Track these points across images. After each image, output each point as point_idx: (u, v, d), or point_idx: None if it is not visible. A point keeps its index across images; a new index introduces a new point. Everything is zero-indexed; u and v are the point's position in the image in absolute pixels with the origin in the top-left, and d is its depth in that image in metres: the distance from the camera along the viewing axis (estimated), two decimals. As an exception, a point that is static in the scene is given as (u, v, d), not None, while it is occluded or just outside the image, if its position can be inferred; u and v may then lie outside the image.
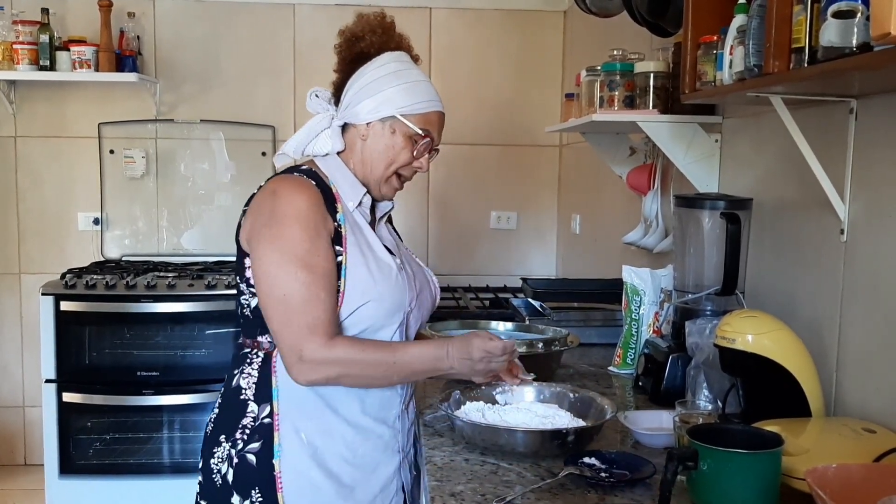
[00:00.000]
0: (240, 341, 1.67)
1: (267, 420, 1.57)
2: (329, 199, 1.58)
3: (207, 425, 1.66)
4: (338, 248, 1.56)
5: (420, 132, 1.62)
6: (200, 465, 1.64)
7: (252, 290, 1.58)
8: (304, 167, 1.63)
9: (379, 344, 1.57)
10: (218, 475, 1.59)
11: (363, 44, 1.66)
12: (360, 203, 1.64)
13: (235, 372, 1.63)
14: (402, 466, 1.68)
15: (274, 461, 1.55)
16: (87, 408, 3.60)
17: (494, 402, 1.75)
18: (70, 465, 3.60)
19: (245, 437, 1.57)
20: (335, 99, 1.69)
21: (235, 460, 1.57)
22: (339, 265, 1.55)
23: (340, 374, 1.51)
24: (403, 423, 1.69)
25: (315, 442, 1.57)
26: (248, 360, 1.62)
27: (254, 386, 1.59)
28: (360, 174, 1.65)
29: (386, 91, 1.61)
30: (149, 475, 3.62)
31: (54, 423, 3.58)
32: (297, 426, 1.56)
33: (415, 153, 1.64)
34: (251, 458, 1.56)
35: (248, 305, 1.61)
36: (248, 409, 1.58)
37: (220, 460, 1.59)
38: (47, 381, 3.58)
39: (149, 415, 3.64)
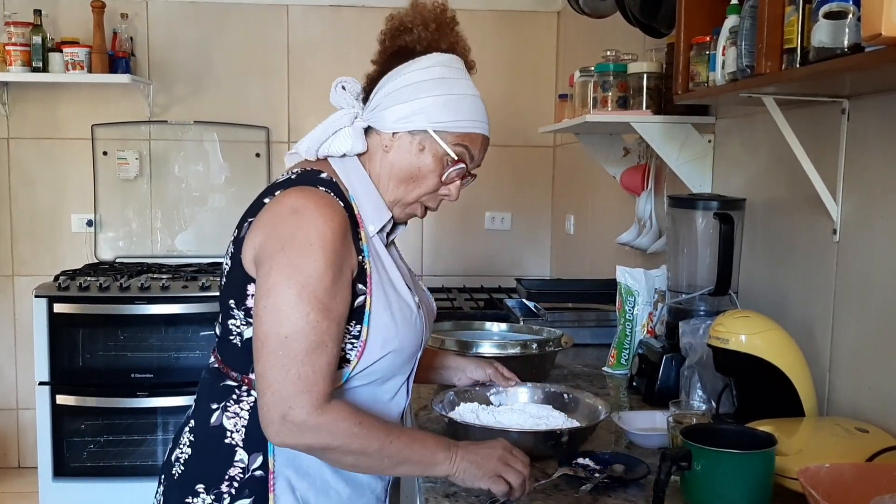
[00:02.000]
0: (216, 366, 1.42)
1: (259, 473, 1.35)
2: (352, 222, 1.34)
3: (174, 465, 1.42)
4: (360, 286, 1.33)
5: (453, 156, 1.37)
6: None
7: (251, 320, 1.33)
8: (323, 175, 1.36)
9: (376, 419, 1.33)
10: None
11: (409, 37, 1.40)
12: (381, 228, 1.40)
13: (215, 406, 1.39)
14: None
15: None
16: (80, 410, 3.60)
17: (489, 402, 1.75)
18: (64, 468, 3.60)
19: (233, 490, 1.35)
20: (365, 95, 1.43)
21: None
22: (360, 308, 1.33)
23: (327, 446, 1.27)
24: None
25: (309, 500, 1.38)
26: (235, 398, 1.37)
27: (243, 430, 1.36)
28: (379, 190, 1.42)
29: (422, 99, 1.35)
30: (143, 477, 3.61)
31: (48, 426, 3.57)
32: (294, 485, 1.36)
33: (443, 178, 1.39)
34: None
35: (241, 335, 1.36)
36: (237, 458, 1.35)
37: None
38: (41, 383, 3.57)
39: (143, 417, 3.63)
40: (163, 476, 1.46)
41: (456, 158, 1.38)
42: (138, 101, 4.18)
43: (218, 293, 1.44)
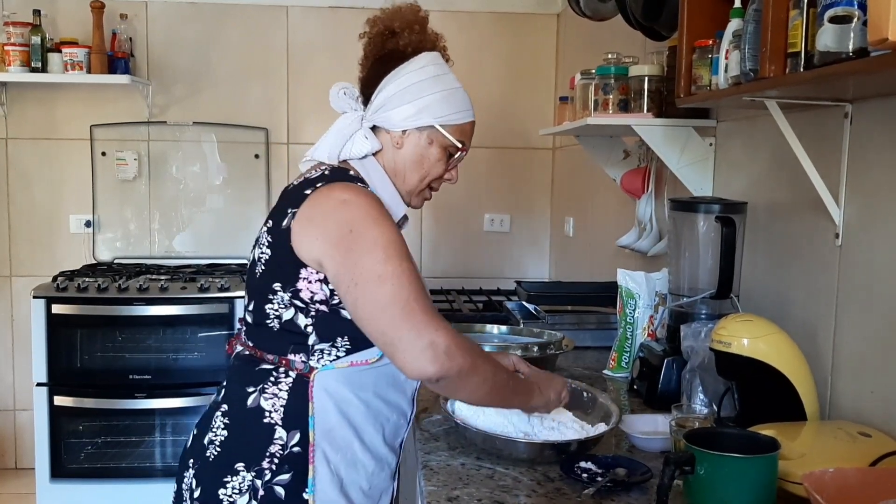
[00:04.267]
0: (246, 353, 1.51)
1: (297, 449, 1.43)
2: None
3: (208, 447, 1.47)
4: None
5: (458, 144, 1.54)
6: (198, 493, 1.45)
7: (296, 301, 1.42)
8: (352, 173, 1.51)
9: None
10: None
11: (401, 42, 1.54)
12: (398, 221, 1.53)
13: (251, 390, 1.46)
14: (394, 494, 1.62)
15: (306, 495, 1.42)
16: (78, 411, 3.59)
17: None
18: (61, 469, 3.59)
19: (273, 467, 1.42)
20: (363, 98, 1.57)
21: (261, 492, 1.41)
22: None
23: (473, 366, 1.36)
24: (403, 448, 1.63)
25: (341, 473, 1.46)
26: (273, 379, 1.45)
27: (282, 409, 1.43)
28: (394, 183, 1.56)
29: (425, 98, 1.51)
30: (140, 479, 3.62)
31: (45, 427, 3.57)
32: (328, 457, 1.44)
33: (448, 165, 1.57)
34: (280, 490, 1.41)
35: (279, 318, 1.44)
36: (276, 436, 1.43)
37: (236, 492, 1.42)
38: (38, 384, 3.56)
39: (140, 418, 3.62)
40: (191, 460, 1.50)
41: (460, 147, 1.55)
42: (137, 102, 4.18)
43: (216, 294, 1.52)
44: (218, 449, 1.46)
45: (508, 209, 4.42)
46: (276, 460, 1.42)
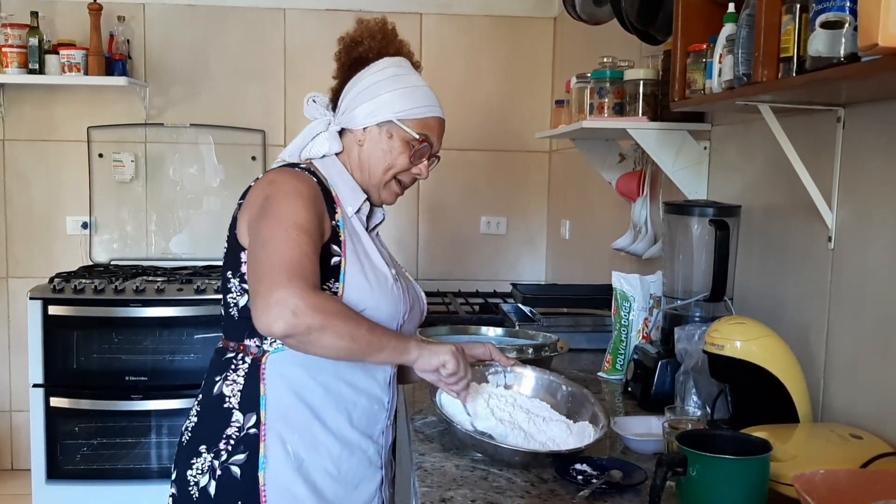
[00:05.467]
0: (220, 345, 1.61)
1: (253, 430, 1.50)
2: (329, 201, 1.55)
3: (183, 434, 1.59)
4: (335, 248, 1.52)
5: (417, 137, 1.60)
6: (174, 475, 1.57)
7: (245, 286, 1.50)
8: (302, 165, 1.60)
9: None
10: (195, 488, 1.52)
11: (361, 48, 1.64)
12: (358, 209, 1.61)
13: (217, 378, 1.56)
14: (383, 484, 1.65)
15: (259, 473, 1.49)
16: (74, 412, 3.59)
17: (486, 381, 1.74)
18: (57, 470, 3.59)
19: (230, 448, 1.51)
20: (333, 105, 1.67)
21: (218, 472, 1.50)
22: (336, 266, 1.51)
23: (322, 325, 1.35)
24: (387, 439, 1.66)
25: (301, 455, 1.51)
26: (233, 366, 1.55)
27: (239, 394, 1.53)
28: (358, 179, 1.63)
29: (383, 95, 1.59)
30: (136, 480, 3.62)
31: (41, 428, 3.57)
32: (284, 437, 1.51)
33: (412, 158, 1.61)
34: (235, 470, 1.50)
35: (237, 305, 1.54)
36: (233, 419, 1.52)
37: (199, 472, 1.52)
38: (35, 385, 3.56)
39: (137, 419, 3.63)
40: (176, 450, 1.61)
41: (420, 139, 1.60)
42: (134, 104, 4.18)
43: (212, 296, 1.58)
44: (189, 434, 1.58)
45: (505, 212, 4.43)
46: (231, 442, 1.51)
